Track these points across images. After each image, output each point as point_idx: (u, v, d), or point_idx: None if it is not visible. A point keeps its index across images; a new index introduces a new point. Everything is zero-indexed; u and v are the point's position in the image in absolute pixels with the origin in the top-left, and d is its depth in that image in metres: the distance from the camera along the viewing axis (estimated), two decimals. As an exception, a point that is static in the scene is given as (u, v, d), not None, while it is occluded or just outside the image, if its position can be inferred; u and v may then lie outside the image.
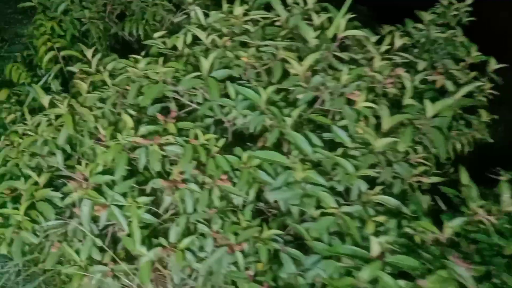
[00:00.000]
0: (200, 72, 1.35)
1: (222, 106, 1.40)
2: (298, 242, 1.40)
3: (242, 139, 1.53)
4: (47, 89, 2.23)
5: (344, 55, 1.37)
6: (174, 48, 1.55)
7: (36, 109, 2.07)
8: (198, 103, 1.42)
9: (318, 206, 1.26)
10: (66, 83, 2.29)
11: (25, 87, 2.15)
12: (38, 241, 1.36)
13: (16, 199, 1.48)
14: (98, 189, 1.28)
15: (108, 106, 1.41)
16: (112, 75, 1.54)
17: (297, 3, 1.56)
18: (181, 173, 1.24)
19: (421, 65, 1.59)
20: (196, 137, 1.28)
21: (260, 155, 1.30)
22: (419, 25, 1.74)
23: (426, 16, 1.74)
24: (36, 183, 1.44)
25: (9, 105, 1.96)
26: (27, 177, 1.46)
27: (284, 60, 1.37)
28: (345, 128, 1.37)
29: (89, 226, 1.30)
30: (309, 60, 1.24)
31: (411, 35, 1.71)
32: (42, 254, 1.48)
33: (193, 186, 1.23)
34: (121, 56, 2.18)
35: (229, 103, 1.36)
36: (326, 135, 1.41)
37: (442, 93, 1.61)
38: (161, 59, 1.32)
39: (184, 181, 1.22)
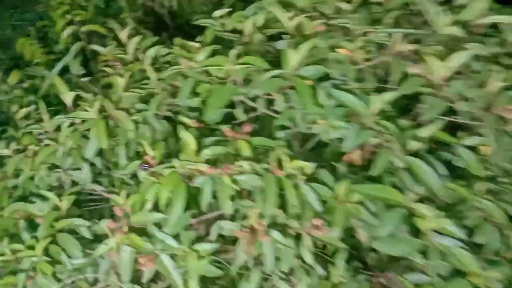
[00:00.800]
0: (281, 69, 0.97)
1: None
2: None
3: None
4: (65, 71, 1.87)
5: (483, 50, 0.97)
6: (234, 30, 1.17)
7: (53, 98, 1.72)
8: (273, 110, 1.05)
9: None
10: (86, 63, 1.92)
11: (40, 69, 1.78)
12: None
13: (31, 223, 1.15)
14: (142, 228, 0.93)
15: (153, 110, 1.04)
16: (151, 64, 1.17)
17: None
18: (260, 215, 0.88)
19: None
20: (279, 164, 0.91)
21: (365, 190, 0.93)
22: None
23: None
24: (56, 207, 1.10)
25: (22, 93, 1.60)
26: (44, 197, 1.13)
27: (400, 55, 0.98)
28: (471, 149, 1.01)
29: (128, 276, 0.95)
30: (459, 58, 0.84)
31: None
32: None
33: (277, 235, 0.87)
34: (154, 33, 1.80)
35: (319, 111, 0.98)
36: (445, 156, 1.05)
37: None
38: (233, 52, 0.93)
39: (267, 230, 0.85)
